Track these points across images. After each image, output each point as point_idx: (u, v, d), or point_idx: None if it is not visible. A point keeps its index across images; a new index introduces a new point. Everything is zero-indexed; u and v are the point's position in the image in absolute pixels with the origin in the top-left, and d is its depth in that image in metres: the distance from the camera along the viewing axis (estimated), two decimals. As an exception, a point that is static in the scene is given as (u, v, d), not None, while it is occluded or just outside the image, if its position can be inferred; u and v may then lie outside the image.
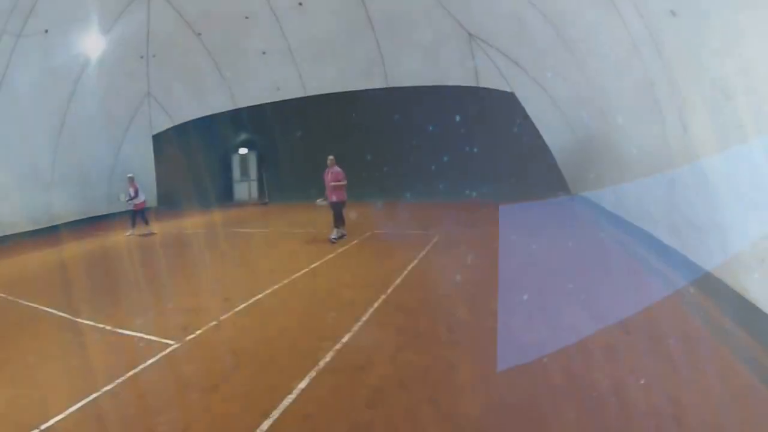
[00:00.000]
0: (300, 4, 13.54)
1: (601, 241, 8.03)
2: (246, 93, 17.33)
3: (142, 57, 14.78)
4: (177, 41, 14.60)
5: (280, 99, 17.39)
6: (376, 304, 5.27)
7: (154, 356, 4.29)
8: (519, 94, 13.43)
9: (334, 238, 9.13)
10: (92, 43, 12.99)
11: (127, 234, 12.43)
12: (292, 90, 16.94)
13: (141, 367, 4.08)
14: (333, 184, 9.22)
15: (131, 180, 12.50)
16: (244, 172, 19.95)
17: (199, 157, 19.04)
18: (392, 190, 16.19)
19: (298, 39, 15.01)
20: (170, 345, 4.54)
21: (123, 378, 3.88)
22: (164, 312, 5.67)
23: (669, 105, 5.56)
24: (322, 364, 3.89)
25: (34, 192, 13.97)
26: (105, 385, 3.77)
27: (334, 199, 9.32)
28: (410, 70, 15.03)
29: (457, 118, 14.97)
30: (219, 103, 17.84)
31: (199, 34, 14.62)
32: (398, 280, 6.25)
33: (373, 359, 3.91)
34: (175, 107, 17.84)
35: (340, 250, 8.51)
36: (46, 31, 11.20)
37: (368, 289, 5.88)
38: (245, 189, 20.02)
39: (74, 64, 13.04)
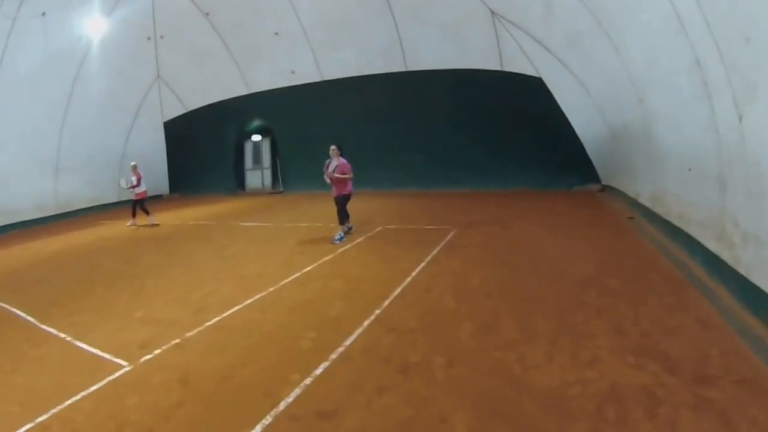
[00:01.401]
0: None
1: (639, 245, 7.01)
2: (259, 77, 16.66)
3: (149, 38, 14.19)
4: (185, 22, 13.95)
5: (295, 84, 16.63)
6: (365, 323, 4.46)
7: (100, 381, 3.73)
8: (547, 80, 12.33)
9: (338, 239, 8.28)
10: (94, 24, 12.44)
11: (128, 224, 12.00)
12: (307, 74, 16.16)
13: (82, 394, 3.54)
14: (339, 176, 8.31)
15: (134, 168, 12.06)
16: (257, 160, 19.31)
17: (212, 144, 18.61)
18: (412, 178, 15.44)
19: (311, 20, 14.20)
20: (122, 367, 3.96)
21: (59, 407, 3.37)
22: (130, 323, 5.06)
23: (721, 89, 4.59)
24: (282, 406, 3.14)
25: (40, 178, 13.72)
26: (40, 415, 3.28)
27: (344, 192, 8.43)
28: (431, 53, 14.05)
29: (481, 104, 14.01)
30: (231, 88, 17.23)
31: (207, 14, 13.92)
32: (398, 290, 5.42)
33: (344, 403, 3.12)
34: (187, 92, 17.32)
35: (341, 249, 7.71)
36: (44, 13, 10.66)
37: (360, 302, 5.09)
38: (258, 177, 19.40)
39: (76, 45, 12.55)
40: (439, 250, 7.24)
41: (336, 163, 8.38)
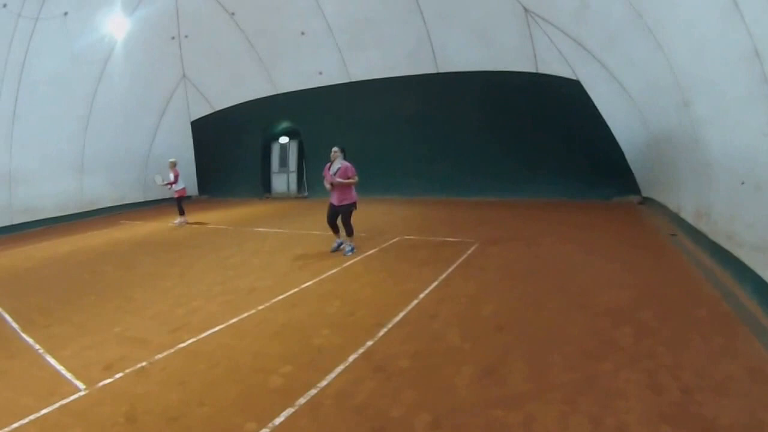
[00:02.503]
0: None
1: (681, 269, 6.13)
2: (286, 77, 16.34)
3: (173, 38, 14.07)
4: (210, 21, 13.76)
5: (322, 85, 16.23)
6: (351, 358, 3.85)
7: (51, 405, 3.39)
8: (584, 82, 11.43)
9: (350, 251, 7.64)
10: (117, 23, 12.40)
11: (180, 221, 12.04)
12: (334, 75, 15.74)
13: (30, 418, 3.23)
14: (341, 181, 7.32)
15: (173, 165, 11.98)
16: (283, 163, 18.96)
17: (239, 146, 18.42)
18: (438, 185, 14.76)
19: (338, 20, 13.76)
20: (78, 390, 3.59)
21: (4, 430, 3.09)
22: (105, 339, 4.68)
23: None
24: (228, 465, 2.61)
25: (64, 178, 13.82)
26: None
27: (344, 202, 7.48)
28: (462, 54, 13.35)
29: (514, 108, 13.23)
30: (258, 88, 16.98)
31: (233, 13, 13.68)
32: (399, 316, 4.76)
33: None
34: (214, 92, 17.17)
35: (348, 263, 7.12)
36: (66, 13, 10.60)
37: (352, 330, 4.47)
38: (284, 181, 19.04)
39: (100, 45, 12.53)
40: (455, 268, 6.55)
41: (338, 166, 7.44)
